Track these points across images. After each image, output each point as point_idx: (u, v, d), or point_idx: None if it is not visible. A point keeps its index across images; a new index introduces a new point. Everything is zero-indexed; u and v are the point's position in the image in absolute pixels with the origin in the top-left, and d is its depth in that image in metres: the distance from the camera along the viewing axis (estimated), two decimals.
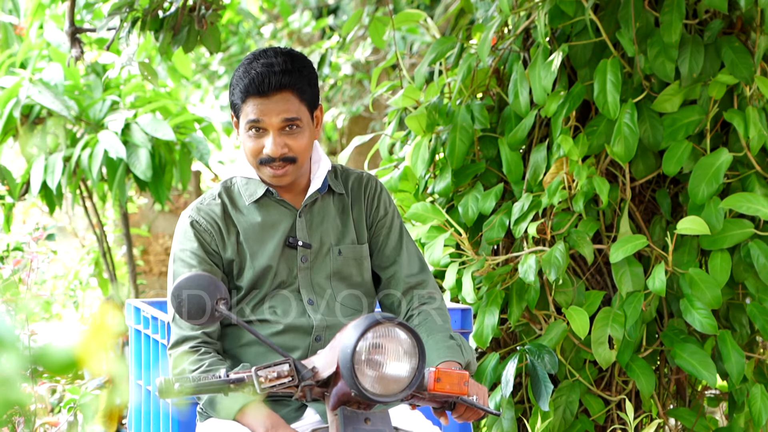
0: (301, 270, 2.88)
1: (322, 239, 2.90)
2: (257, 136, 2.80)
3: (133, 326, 3.44)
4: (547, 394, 3.59)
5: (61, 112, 5.43)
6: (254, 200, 2.89)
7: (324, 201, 2.93)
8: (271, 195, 2.89)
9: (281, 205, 2.89)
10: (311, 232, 2.89)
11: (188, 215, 2.88)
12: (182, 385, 2.41)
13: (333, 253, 2.90)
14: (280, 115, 2.78)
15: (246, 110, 2.80)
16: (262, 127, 2.79)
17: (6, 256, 4.65)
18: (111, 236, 7.71)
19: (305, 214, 2.90)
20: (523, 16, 3.97)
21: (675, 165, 3.78)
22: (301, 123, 2.80)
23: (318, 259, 2.89)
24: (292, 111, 2.79)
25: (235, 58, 9.17)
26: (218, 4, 3.89)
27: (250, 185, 2.90)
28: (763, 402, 3.79)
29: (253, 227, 2.87)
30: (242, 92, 2.80)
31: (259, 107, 2.78)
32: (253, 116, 2.78)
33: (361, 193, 2.96)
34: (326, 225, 2.91)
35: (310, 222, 2.90)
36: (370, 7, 6.99)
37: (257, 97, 2.78)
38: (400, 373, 2.40)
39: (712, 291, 3.68)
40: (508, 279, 3.83)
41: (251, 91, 2.78)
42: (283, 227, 2.88)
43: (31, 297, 4.00)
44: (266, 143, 2.79)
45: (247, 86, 2.79)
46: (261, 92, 2.77)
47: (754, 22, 3.89)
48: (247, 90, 2.79)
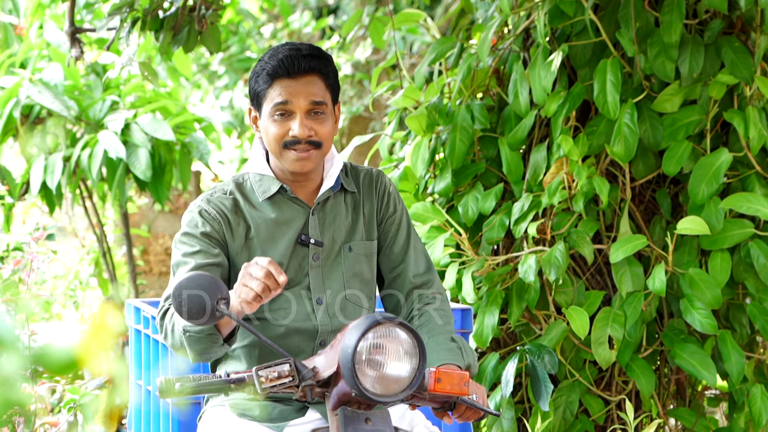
0: (312, 268, 2.87)
1: (334, 237, 2.90)
2: (283, 120, 2.80)
3: (133, 326, 3.44)
4: (547, 394, 3.59)
5: (61, 112, 5.43)
6: (267, 197, 2.88)
7: (336, 199, 2.92)
8: (284, 192, 2.88)
9: (294, 202, 2.89)
10: (323, 230, 2.89)
11: (197, 205, 2.87)
12: (182, 385, 2.41)
13: (344, 251, 2.90)
14: (308, 98, 2.79)
15: (272, 94, 2.80)
16: (289, 109, 2.79)
17: (6, 256, 4.65)
18: (111, 236, 7.71)
19: (318, 212, 2.90)
20: (523, 16, 3.98)
21: (675, 165, 3.78)
22: (326, 109, 2.82)
23: (330, 257, 2.89)
24: (319, 95, 2.81)
25: (235, 58, 9.17)
26: (218, 4, 3.89)
27: (263, 182, 2.89)
28: (763, 402, 3.79)
29: (266, 223, 2.86)
30: (269, 75, 2.80)
31: (287, 89, 2.79)
32: (281, 98, 2.79)
33: (372, 190, 2.96)
34: (338, 223, 2.91)
35: (322, 220, 2.89)
36: (370, 7, 7.00)
37: (285, 78, 2.79)
38: (401, 374, 2.40)
39: (712, 291, 3.68)
40: (508, 279, 3.83)
41: (280, 72, 2.79)
42: (296, 225, 2.87)
43: (31, 297, 4.00)
44: (293, 126, 2.79)
45: (275, 68, 2.80)
46: (290, 73, 2.79)
47: (754, 22, 3.89)
48: (275, 72, 2.80)
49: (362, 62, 8.51)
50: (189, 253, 2.80)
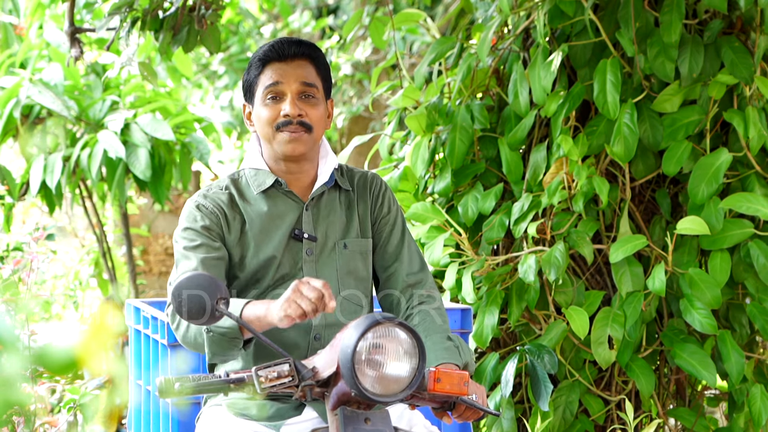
0: (306, 263, 2.89)
1: (328, 233, 2.92)
2: (275, 103, 2.87)
3: (133, 326, 3.44)
4: (546, 394, 3.59)
5: (61, 112, 5.43)
6: (262, 190, 2.91)
7: (330, 195, 2.95)
8: (279, 186, 2.92)
9: (288, 197, 2.92)
10: (317, 226, 2.91)
11: (194, 200, 2.91)
12: (182, 385, 2.41)
13: (339, 247, 2.92)
14: (298, 79, 2.87)
15: (263, 79, 2.88)
16: (280, 91, 2.86)
17: (6, 256, 4.65)
18: (111, 236, 7.71)
19: (312, 207, 2.92)
20: (522, 16, 3.98)
21: (675, 165, 3.78)
22: (317, 93, 2.89)
23: (324, 253, 2.91)
24: (310, 78, 2.88)
25: (235, 58, 9.17)
26: (218, 4, 3.89)
27: (258, 176, 2.93)
28: (762, 402, 3.79)
29: (259, 217, 2.89)
30: (261, 60, 2.89)
31: (278, 71, 2.87)
32: (272, 80, 2.86)
33: (367, 190, 3.00)
34: (332, 219, 2.93)
35: (316, 215, 2.92)
36: (370, 7, 6.99)
37: (277, 62, 2.87)
38: (401, 373, 2.40)
39: (712, 291, 3.68)
40: (508, 279, 3.83)
41: (271, 56, 2.88)
42: (290, 219, 2.90)
43: (31, 297, 4.00)
44: (284, 106, 2.85)
45: (267, 52, 2.89)
46: (281, 57, 2.87)
47: (754, 22, 3.89)
48: (266, 56, 2.88)
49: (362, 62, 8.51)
50: (191, 247, 2.82)
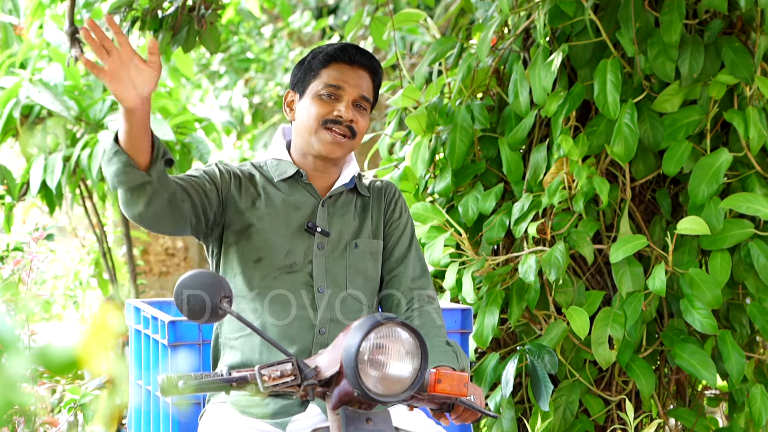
0: (316, 257, 2.92)
1: (341, 233, 2.96)
2: (330, 101, 2.89)
3: (133, 326, 3.44)
4: (547, 394, 3.59)
5: (61, 112, 5.43)
6: (283, 179, 2.95)
7: (347, 198, 3.00)
8: (299, 177, 2.96)
9: (307, 189, 2.96)
10: (331, 222, 2.95)
11: (214, 163, 2.95)
12: (185, 383, 2.41)
13: (350, 247, 2.96)
14: (359, 89, 2.91)
15: (326, 74, 2.90)
16: (339, 93, 2.89)
17: (6, 256, 4.65)
18: (111, 236, 7.71)
19: (329, 204, 2.97)
20: (523, 16, 3.98)
21: (675, 165, 3.78)
22: (368, 107, 2.94)
23: (336, 251, 2.94)
24: (368, 91, 2.93)
25: (235, 58, 9.17)
26: (218, 4, 3.89)
27: (281, 165, 2.97)
28: (763, 402, 3.79)
29: (277, 198, 2.93)
30: (329, 55, 2.91)
31: (344, 74, 2.90)
32: (336, 81, 2.89)
33: (381, 195, 3.05)
34: (346, 219, 2.97)
35: (332, 213, 2.96)
36: (371, 7, 6.99)
37: (344, 63, 2.91)
38: (403, 374, 2.40)
39: (712, 291, 3.68)
40: (508, 279, 3.83)
41: (341, 56, 2.91)
42: (305, 211, 2.94)
43: (31, 297, 4.00)
44: (339, 107, 2.88)
45: (337, 51, 2.91)
46: (350, 60, 2.91)
47: (754, 22, 3.89)
48: (336, 54, 2.91)
49: None
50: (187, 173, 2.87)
